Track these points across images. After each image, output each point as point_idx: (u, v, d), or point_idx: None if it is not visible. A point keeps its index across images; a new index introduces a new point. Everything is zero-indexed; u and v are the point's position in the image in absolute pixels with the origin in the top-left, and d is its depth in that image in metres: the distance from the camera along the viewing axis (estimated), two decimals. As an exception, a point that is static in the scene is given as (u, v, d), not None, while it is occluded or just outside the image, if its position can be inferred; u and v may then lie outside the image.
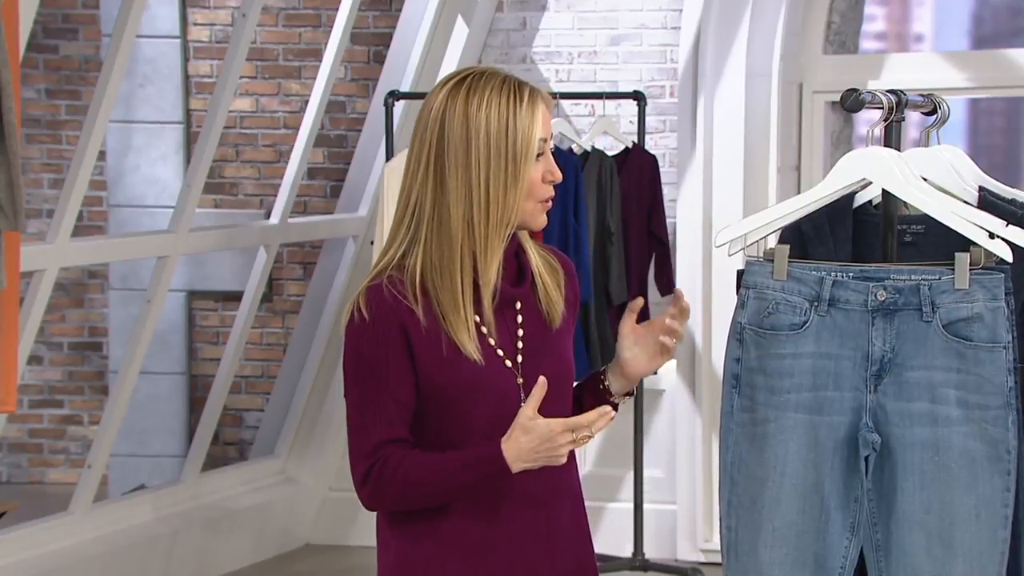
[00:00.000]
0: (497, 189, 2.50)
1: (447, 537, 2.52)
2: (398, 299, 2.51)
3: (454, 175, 2.50)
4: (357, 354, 2.52)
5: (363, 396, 2.51)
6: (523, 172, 2.51)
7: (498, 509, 2.53)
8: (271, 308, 7.77)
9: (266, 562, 6.56)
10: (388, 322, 2.50)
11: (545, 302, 2.59)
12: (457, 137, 2.50)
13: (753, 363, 2.70)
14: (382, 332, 2.50)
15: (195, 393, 7.86)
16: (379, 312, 2.51)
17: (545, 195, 2.55)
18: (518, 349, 2.56)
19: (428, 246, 2.52)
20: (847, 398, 2.69)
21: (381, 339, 2.50)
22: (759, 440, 2.70)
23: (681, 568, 6.05)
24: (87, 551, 5.74)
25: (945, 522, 2.66)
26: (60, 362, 8.17)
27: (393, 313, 2.51)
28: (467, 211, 2.50)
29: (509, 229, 2.52)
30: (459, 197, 2.50)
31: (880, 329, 2.70)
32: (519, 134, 2.50)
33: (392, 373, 2.50)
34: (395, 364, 2.50)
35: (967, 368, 2.67)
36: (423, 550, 2.53)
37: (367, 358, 2.51)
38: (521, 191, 2.51)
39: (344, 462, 6.88)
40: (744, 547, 2.70)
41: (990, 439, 2.66)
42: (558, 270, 2.64)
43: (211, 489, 6.44)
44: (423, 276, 2.52)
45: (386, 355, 2.50)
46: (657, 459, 6.39)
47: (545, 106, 2.54)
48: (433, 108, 2.53)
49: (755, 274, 2.73)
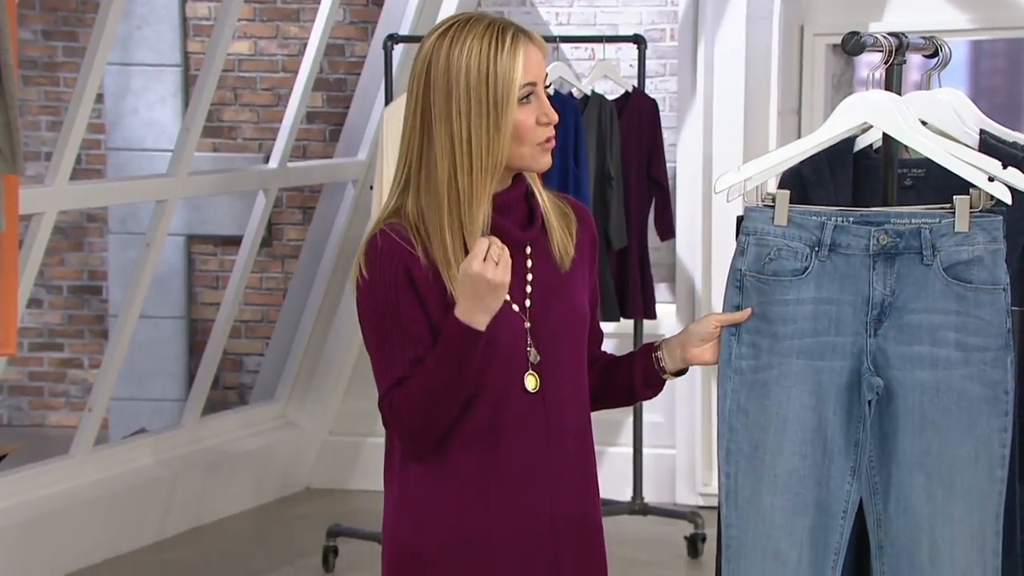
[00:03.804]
0: (480, 138, 2.49)
1: (451, 471, 2.53)
2: (399, 244, 2.51)
3: (438, 127, 2.50)
4: (368, 304, 2.52)
5: (380, 341, 2.52)
6: (505, 119, 2.49)
7: (503, 445, 2.53)
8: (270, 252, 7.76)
9: (266, 505, 6.58)
10: (392, 266, 2.51)
11: (556, 246, 2.59)
12: (440, 88, 2.49)
13: (754, 310, 2.69)
14: (388, 277, 2.50)
15: (195, 337, 7.86)
16: (382, 259, 2.51)
17: (542, 137, 2.53)
18: (526, 293, 2.56)
19: (419, 197, 2.53)
20: (848, 343, 2.69)
21: (388, 283, 2.50)
22: (760, 387, 2.70)
23: (680, 512, 6.07)
24: (87, 494, 5.76)
25: (944, 464, 2.67)
26: (60, 305, 8.17)
27: (395, 257, 2.51)
28: (451, 164, 2.50)
29: (496, 175, 2.51)
30: (443, 150, 2.50)
31: (880, 273, 2.69)
32: (499, 79, 2.48)
33: (404, 314, 2.50)
34: (405, 304, 2.50)
35: (967, 310, 2.68)
36: (427, 484, 2.54)
37: (378, 305, 2.51)
38: (504, 138, 2.50)
39: (344, 406, 6.90)
40: (744, 494, 2.70)
41: (989, 381, 2.67)
42: (570, 216, 2.63)
43: (211, 433, 6.46)
44: (418, 224, 2.52)
45: (396, 298, 2.50)
46: (656, 404, 6.40)
47: (535, 48, 2.52)
48: (420, 58, 2.54)
49: (755, 220, 2.72)
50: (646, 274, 5.87)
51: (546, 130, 2.54)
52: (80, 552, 5.67)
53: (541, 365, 2.55)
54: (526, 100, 2.51)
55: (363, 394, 6.77)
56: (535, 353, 2.55)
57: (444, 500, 2.53)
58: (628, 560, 5.67)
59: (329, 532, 5.73)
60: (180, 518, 6.15)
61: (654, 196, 5.92)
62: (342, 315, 6.80)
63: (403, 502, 2.55)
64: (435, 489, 2.53)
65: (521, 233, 2.57)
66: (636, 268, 5.82)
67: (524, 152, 2.53)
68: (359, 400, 6.79)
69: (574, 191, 5.50)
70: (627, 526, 6.00)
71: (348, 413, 6.87)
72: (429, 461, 2.53)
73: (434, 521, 2.53)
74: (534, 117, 2.52)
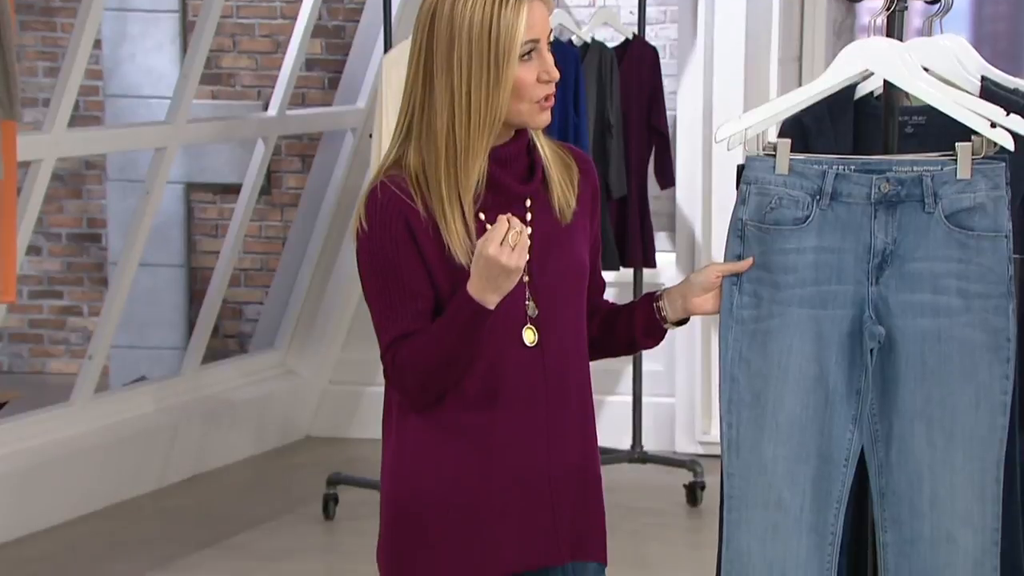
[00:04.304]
0: (479, 93, 2.48)
1: (450, 423, 2.53)
2: (398, 196, 2.51)
3: (440, 79, 2.49)
4: (368, 257, 2.52)
5: (381, 295, 2.51)
6: (505, 74, 2.48)
7: (501, 399, 2.53)
8: (270, 201, 7.76)
9: (266, 454, 6.60)
10: (391, 218, 2.50)
11: (556, 199, 2.58)
12: (443, 39, 2.48)
13: (756, 259, 2.69)
14: (387, 229, 2.50)
15: (194, 285, 7.87)
16: (381, 212, 2.50)
17: (541, 94, 2.52)
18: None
19: (419, 148, 2.52)
20: (849, 291, 2.69)
21: (387, 236, 2.50)
22: (761, 337, 2.69)
23: (679, 460, 6.08)
24: (88, 441, 5.77)
25: (946, 412, 2.67)
26: (59, 253, 8.17)
27: (394, 210, 2.50)
28: (449, 117, 2.49)
29: (493, 132, 2.50)
30: (443, 102, 2.49)
31: (882, 221, 2.69)
32: (501, 34, 2.46)
33: (404, 267, 2.50)
34: (406, 258, 2.50)
35: (968, 258, 2.67)
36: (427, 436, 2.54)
37: (378, 258, 2.51)
38: (504, 94, 2.48)
39: (343, 355, 6.91)
40: (746, 444, 2.70)
41: (990, 328, 2.67)
42: (571, 166, 2.62)
43: (211, 381, 6.47)
44: (418, 176, 2.52)
45: (395, 251, 2.50)
46: (656, 353, 6.39)
47: (541, 4, 2.50)
48: (424, 7, 2.53)
49: (756, 169, 2.71)
50: (646, 223, 5.86)
51: (546, 88, 2.53)
52: (80, 499, 5.68)
53: (539, 319, 2.55)
54: (528, 56, 2.50)
55: (363, 343, 6.77)
56: (533, 307, 2.55)
57: (443, 451, 2.53)
58: (627, 508, 5.69)
59: (329, 480, 5.75)
60: (180, 466, 6.16)
61: (654, 144, 5.90)
62: (342, 264, 6.80)
63: (402, 453, 2.55)
64: (434, 440, 2.53)
65: (521, 187, 2.56)
66: (636, 217, 5.82)
67: (523, 109, 2.52)
68: (359, 349, 6.80)
69: (574, 140, 5.48)
70: (626, 474, 6.02)
71: (348, 362, 6.88)
72: (428, 413, 2.54)
73: (434, 472, 2.53)
74: (535, 74, 2.51)
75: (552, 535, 2.54)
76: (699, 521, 5.76)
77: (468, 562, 2.51)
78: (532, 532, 2.53)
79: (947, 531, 2.66)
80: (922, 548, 2.67)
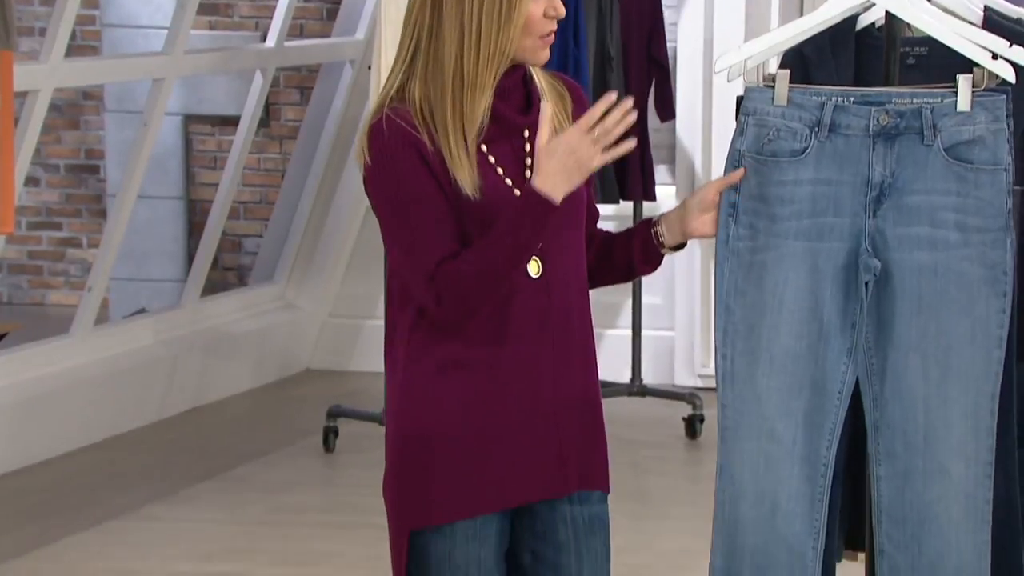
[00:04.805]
0: (490, 26, 2.47)
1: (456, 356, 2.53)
2: (404, 127, 2.49)
3: (449, 9, 2.48)
4: (382, 191, 2.50)
5: (406, 227, 2.49)
6: (518, 9, 2.47)
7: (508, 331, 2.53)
8: (268, 133, 7.73)
9: (266, 386, 6.61)
10: (401, 148, 2.49)
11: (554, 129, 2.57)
12: None
13: (752, 191, 2.68)
14: (401, 160, 2.48)
15: (193, 218, 7.86)
16: (392, 144, 2.49)
17: (545, 30, 2.52)
18: (526, 178, 2.54)
19: (425, 81, 2.50)
20: (846, 224, 2.68)
21: (403, 166, 2.48)
22: (757, 268, 2.69)
23: (678, 393, 6.10)
24: (88, 373, 5.79)
25: (941, 345, 2.67)
26: (57, 184, 8.15)
27: (403, 139, 2.49)
28: (459, 48, 2.48)
29: (501, 66, 2.49)
30: (453, 32, 2.47)
31: (880, 154, 2.68)
32: None
33: (426, 192, 2.48)
34: (425, 184, 2.48)
35: (967, 191, 2.66)
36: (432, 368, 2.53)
37: (396, 191, 2.49)
38: (516, 27, 2.48)
39: (343, 288, 6.91)
40: (741, 375, 2.71)
41: (988, 262, 2.67)
42: (565, 96, 2.61)
43: (211, 314, 6.47)
44: (423, 107, 2.50)
45: (415, 179, 2.48)
46: (656, 286, 6.40)
47: None
48: None
49: (755, 100, 2.70)
50: (646, 156, 5.84)
51: (550, 24, 2.52)
52: (80, 431, 5.70)
53: (543, 250, 2.54)
54: None
55: (362, 276, 6.77)
56: (535, 237, 2.54)
57: (451, 387, 2.53)
58: (626, 441, 5.70)
59: (329, 413, 5.76)
60: (180, 398, 6.18)
61: (654, 77, 5.87)
62: (341, 197, 6.78)
63: (410, 391, 2.55)
64: (442, 376, 2.53)
65: (519, 118, 2.55)
66: (636, 150, 5.78)
67: (527, 44, 2.52)
68: (358, 282, 6.80)
69: (574, 72, 5.46)
70: (626, 408, 6.03)
71: (347, 295, 6.88)
72: (433, 346, 2.53)
73: (442, 408, 2.53)
74: (542, 9, 2.51)
75: (559, 466, 2.55)
76: (698, 454, 5.78)
77: (477, 495, 2.52)
78: (540, 463, 2.54)
79: (940, 464, 2.67)
80: (915, 480, 2.68)
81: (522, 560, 2.58)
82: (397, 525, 2.55)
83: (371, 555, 4.45)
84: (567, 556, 2.56)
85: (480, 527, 2.53)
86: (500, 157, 2.53)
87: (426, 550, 2.53)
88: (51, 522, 4.96)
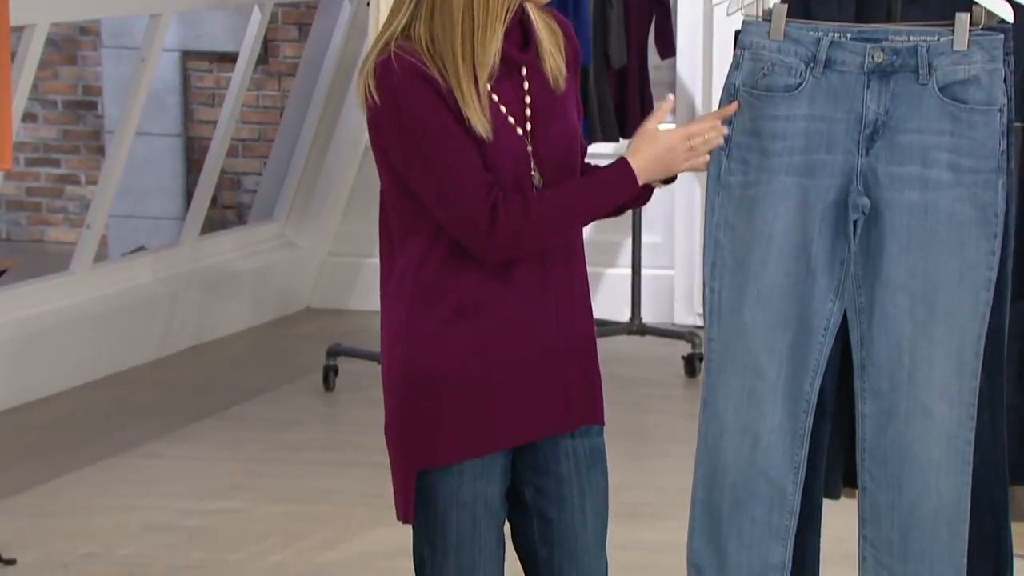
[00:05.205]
0: None
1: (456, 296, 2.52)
2: (415, 64, 2.47)
3: None
4: (400, 126, 2.47)
5: (435, 156, 2.46)
6: None
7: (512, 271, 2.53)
8: (267, 70, 7.69)
9: (265, 325, 6.61)
10: (415, 83, 2.46)
11: (549, 67, 2.56)
12: None
13: (745, 125, 2.67)
14: (416, 92, 2.46)
15: (192, 155, 7.84)
16: (403, 79, 2.46)
17: None
18: (527, 117, 2.54)
19: (431, 19, 2.47)
20: (838, 161, 2.67)
21: (419, 99, 2.46)
22: (747, 203, 2.69)
23: (678, 332, 6.10)
24: (87, 310, 5.79)
25: (929, 285, 2.67)
26: (55, 120, 8.12)
27: (416, 74, 2.46)
28: None
29: (511, 9, 2.48)
30: None
31: (875, 91, 2.66)
32: None
33: (447, 124, 2.46)
34: (444, 115, 2.46)
35: (960, 131, 2.65)
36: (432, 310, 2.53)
37: (414, 123, 2.46)
38: None
39: (342, 227, 6.89)
40: (727, 309, 2.71)
41: (979, 203, 2.66)
42: (557, 32, 2.60)
43: (210, 252, 6.47)
44: (430, 49, 2.48)
45: (432, 112, 2.46)
46: (655, 225, 6.39)
47: None
48: None
49: (751, 34, 2.68)
50: (646, 93, 5.82)
51: None
52: (80, 368, 5.71)
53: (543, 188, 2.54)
54: None
55: (362, 215, 6.75)
56: (539, 177, 2.54)
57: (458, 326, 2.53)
58: (626, 379, 5.71)
59: (329, 351, 5.76)
60: (179, 336, 6.18)
61: (654, 13, 5.84)
62: (341, 134, 6.76)
63: (415, 328, 2.54)
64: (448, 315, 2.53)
65: (519, 55, 2.54)
66: (636, 87, 5.77)
67: None
68: (358, 221, 6.78)
69: (573, 10, 5.42)
70: (625, 346, 6.04)
71: (347, 234, 6.86)
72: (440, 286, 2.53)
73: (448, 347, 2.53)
74: None
75: (564, 402, 2.57)
76: (697, 392, 5.76)
77: (485, 434, 2.53)
78: (545, 401, 2.56)
79: (923, 404, 2.68)
80: (898, 420, 2.69)
81: (524, 496, 2.59)
82: (403, 465, 2.55)
83: (371, 493, 4.47)
84: (569, 488, 2.58)
85: (487, 465, 2.54)
86: (502, 95, 2.52)
87: (433, 489, 2.54)
88: (50, 459, 4.97)
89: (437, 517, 2.54)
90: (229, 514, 4.50)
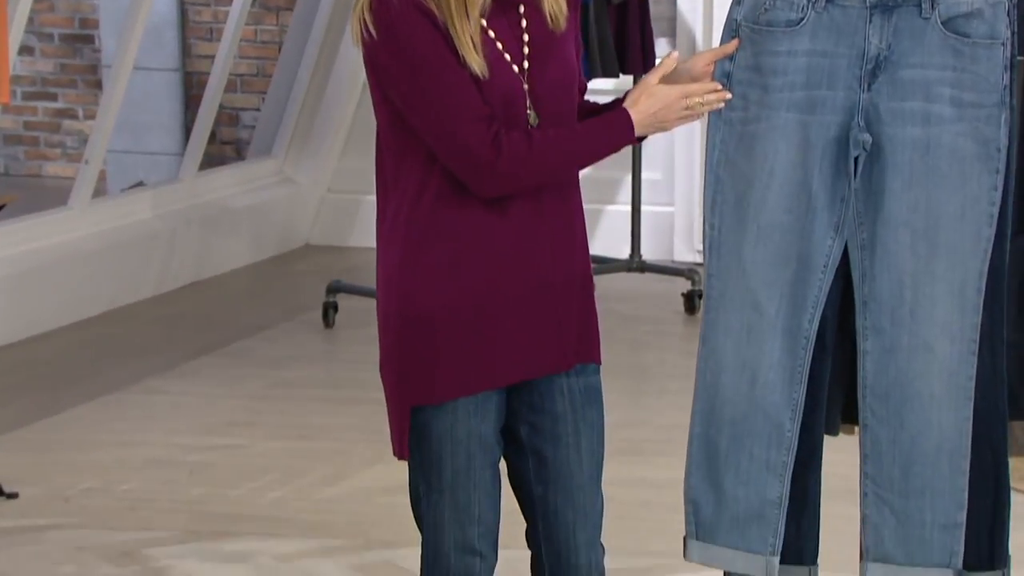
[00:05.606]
0: None
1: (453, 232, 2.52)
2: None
3: None
4: (399, 58, 2.45)
5: (434, 88, 2.45)
6: None
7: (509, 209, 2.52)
8: (264, 4, 7.65)
9: (265, 261, 6.61)
10: (413, 15, 2.44)
11: (548, 5, 2.54)
12: None
13: (747, 61, 2.66)
14: (415, 25, 2.44)
15: (190, 90, 7.80)
16: (400, 12, 2.44)
17: None
18: (524, 55, 2.52)
19: None
20: (840, 97, 2.66)
21: (417, 31, 2.44)
22: (748, 139, 2.68)
23: (677, 269, 6.09)
24: (86, 246, 5.78)
25: (930, 220, 2.66)
26: (51, 54, 8.08)
27: (414, 7, 2.45)
28: None
29: None
30: None
31: (877, 26, 2.64)
32: None
33: (447, 57, 2.44)
34: (442, 48, 2.45)
35: (963, 66, 2.63)
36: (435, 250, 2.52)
37: (413, 55, 2.44)
38: None
39: (341, 163, 6.87)
40: (727, 245, 2.71)
41: (981, 138, 2.64)
42: None
43: (209, 188, 6.45)
44: None
45: (430, 45, 2.44)
46: (655, 161, 6.38)
47: None
48: None
49: (753, -32, 2.66)
50: (646, 28, 5.78)
51: None
52: (79, 304, 5.71)
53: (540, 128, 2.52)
54: None
55: (361, 151, 6.73)
56: (535, 116, 2.53)
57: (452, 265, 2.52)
58: (626, 316, 5.71)
59: (329, 288, 5.76)
60: (179, 272, 6.18)
61: (655, -52, 5.80)
62: (339, 70, 6.73)
63: (409, 268, 2.53)
64: (444, 253, 2.52)
65: (515, -8, 2.52)
66: (636, 22, 5.74)
67: None
68: (357, 157, 6.77)
69: (574, -57, 5.38)
70: (625, 283, 6.03)
71: (346, 170, 6.85)
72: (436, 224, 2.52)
73: (444, 284, 2.52)
74: None
75: (559, 341, 2.57)
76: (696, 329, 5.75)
77: (481, 372, 2.53)
78: (541, 339, 2.55)
79: (924, 340, 2.68)
80: (899, 356, 2.69)
81: (519, 434, 2.59)
82: (399, 402, 2.56)
83: (370, 429, 4.48)
84: (564, 426, 2.58)
85: (481, 403, 2.54)
86: (499, 32, 2.50)
87: (428, 426, 2.54)
88: (50, 395, 4.98)
89: (432, 454, 2.54)
90: (229, 450, 4.52)
